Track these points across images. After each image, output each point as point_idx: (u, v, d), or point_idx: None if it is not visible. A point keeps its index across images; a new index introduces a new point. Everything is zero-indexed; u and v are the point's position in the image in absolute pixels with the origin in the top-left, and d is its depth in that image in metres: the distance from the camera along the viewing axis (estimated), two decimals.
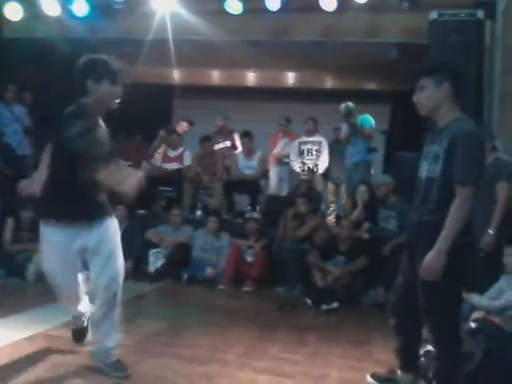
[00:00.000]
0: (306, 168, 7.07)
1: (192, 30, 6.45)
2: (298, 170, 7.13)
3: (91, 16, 6.74)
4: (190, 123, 8.15)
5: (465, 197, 2.37)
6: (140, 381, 2.97)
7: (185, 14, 6.40)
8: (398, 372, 2.94)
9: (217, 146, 7.67)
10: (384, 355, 3.49)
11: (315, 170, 7.09)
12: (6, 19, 7.10)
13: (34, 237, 4.69)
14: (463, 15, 5.17)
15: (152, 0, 6.36)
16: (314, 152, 7.21)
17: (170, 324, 4.22)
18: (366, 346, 3.84)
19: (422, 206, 2.59)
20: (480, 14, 5.24)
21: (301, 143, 7.27)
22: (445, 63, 2.71)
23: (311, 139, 7.25)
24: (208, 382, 3.02)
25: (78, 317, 3.30)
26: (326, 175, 7.27)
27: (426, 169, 2.58)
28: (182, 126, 8.03)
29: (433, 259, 2.41)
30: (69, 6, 6.70)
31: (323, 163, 7.18)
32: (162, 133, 7.76)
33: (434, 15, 5.26)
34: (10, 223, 5.98)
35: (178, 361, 3.32)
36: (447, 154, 2.44)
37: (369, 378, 3.07)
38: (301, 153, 7.23)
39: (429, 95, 2.52)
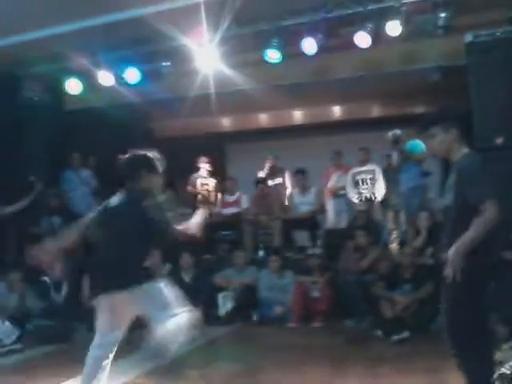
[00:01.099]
0: (363, 198, 7.10)
1: (235, 83, 6.77)
2: (356, 200, 7.16)
3: (142, 81, 7.17)
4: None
5: (488, 211, 2.54)
6: None
7: (226, 69, 6.70)
8: None
9: (271, 183, 7.94)
10: (459, 382, 3.46)
11: (373, 198, 7.11)
12: (67, 94, 7.68)
13: None
14: (498, 33, 5.17)
15: (196, 59, 6.69)
16: (369, 181, 7.20)
17: (246, 366, 4.35)
18: (440, 375, 3.81)
19: (447, 231, 2.80)
20: None
21: (355, 174, 7.27)
22: (448, 112, 2.96)
23: (364, 168, 7.25)
24: None
25: None
26: (385, 203, 7.26)
27: (446, 198, 2.81)
28: (205, 166, 8.37)
29: (453, 253, 2.58)
30: (122, 75, 7.15)
31: (380, 191, 7.13)
32: (189, 188, 8.15)
33: (469, 37, 5.28)
34: (87, 279, 6.36)
35: None
36: (456, 185, 2.69)
37: None
38: (356, 183, 7.24)
39: (440, 142, 2.81)
